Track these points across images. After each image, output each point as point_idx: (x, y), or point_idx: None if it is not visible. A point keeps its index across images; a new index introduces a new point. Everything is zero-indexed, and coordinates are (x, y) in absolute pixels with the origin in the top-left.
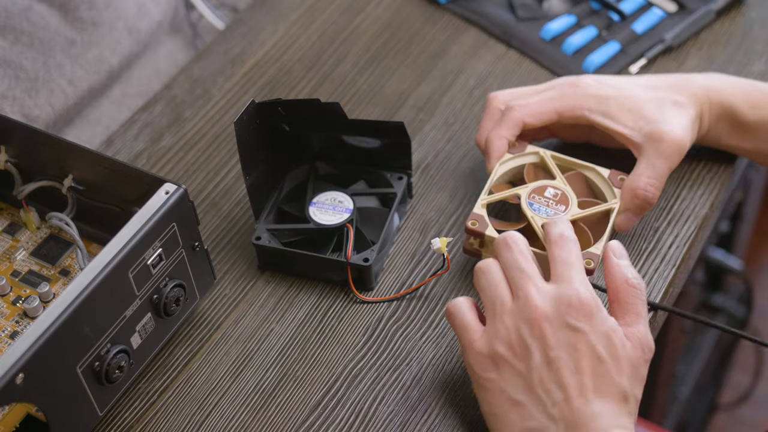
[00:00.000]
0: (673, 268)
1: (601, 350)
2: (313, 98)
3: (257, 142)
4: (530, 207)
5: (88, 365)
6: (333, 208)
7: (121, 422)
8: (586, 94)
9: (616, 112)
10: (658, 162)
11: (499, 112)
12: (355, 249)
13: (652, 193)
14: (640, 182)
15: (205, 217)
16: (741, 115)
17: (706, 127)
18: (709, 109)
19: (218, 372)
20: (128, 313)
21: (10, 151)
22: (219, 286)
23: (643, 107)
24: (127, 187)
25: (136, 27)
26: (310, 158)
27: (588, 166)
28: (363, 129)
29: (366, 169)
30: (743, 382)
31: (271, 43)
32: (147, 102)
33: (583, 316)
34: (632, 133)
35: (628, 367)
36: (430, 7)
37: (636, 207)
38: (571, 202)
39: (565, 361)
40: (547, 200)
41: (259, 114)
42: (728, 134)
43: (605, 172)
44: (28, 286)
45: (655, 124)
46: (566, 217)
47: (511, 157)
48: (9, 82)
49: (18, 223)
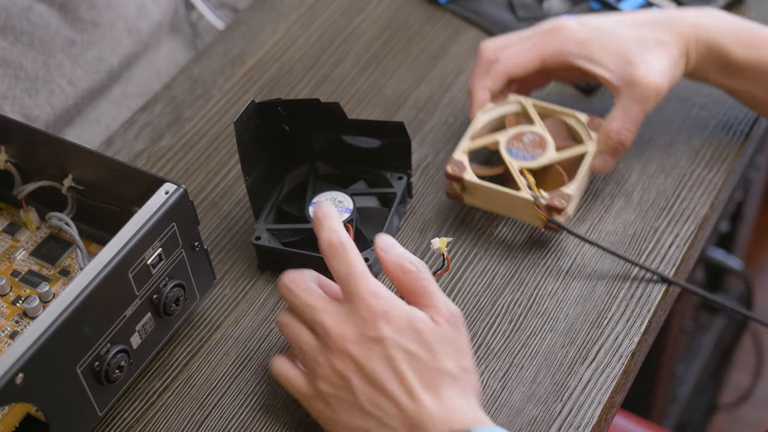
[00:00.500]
0: (673, 268)
1: (411, 347)
2: (313, 98)
3: (257, 141)
4: (508, 152)
5: (88, 365)
6: None
7: (121, 422)
8: (568, 38)
9: (597, 54)
10: (631, 106)
11: (489, 62)
12: None
13: (625, 136)
14: (613, 125)
15: (205, 217)
16: (729, 54)
17: (693, 64)
18: (696, 47)
19: (218, 372)
20: (128, 313)
21: (10, 151)
22: (219, 286)
23: (624, 48)
24: (127, 187)
25: (136, 27)
26: (310, 158)
27: (567, 112)
28: (363, 129)
29: (366, 169)
30: (743, 382)
31: (271, 43)
32: (147, 102)
33: (381, 323)
34: (612, 76)
35: (443, 347)
36: (430, 7)
37: (610, 149)
38: (548, 146)
39: (382, 373)
40: (525, 145)
41: (259, 114)
42: (716, 72)
43: (584, 117)
44: (27, 286)
45: (633, 67)
46: (542, 160)
47: (494, 107)
48: (9, 82)
49: (18, 223)
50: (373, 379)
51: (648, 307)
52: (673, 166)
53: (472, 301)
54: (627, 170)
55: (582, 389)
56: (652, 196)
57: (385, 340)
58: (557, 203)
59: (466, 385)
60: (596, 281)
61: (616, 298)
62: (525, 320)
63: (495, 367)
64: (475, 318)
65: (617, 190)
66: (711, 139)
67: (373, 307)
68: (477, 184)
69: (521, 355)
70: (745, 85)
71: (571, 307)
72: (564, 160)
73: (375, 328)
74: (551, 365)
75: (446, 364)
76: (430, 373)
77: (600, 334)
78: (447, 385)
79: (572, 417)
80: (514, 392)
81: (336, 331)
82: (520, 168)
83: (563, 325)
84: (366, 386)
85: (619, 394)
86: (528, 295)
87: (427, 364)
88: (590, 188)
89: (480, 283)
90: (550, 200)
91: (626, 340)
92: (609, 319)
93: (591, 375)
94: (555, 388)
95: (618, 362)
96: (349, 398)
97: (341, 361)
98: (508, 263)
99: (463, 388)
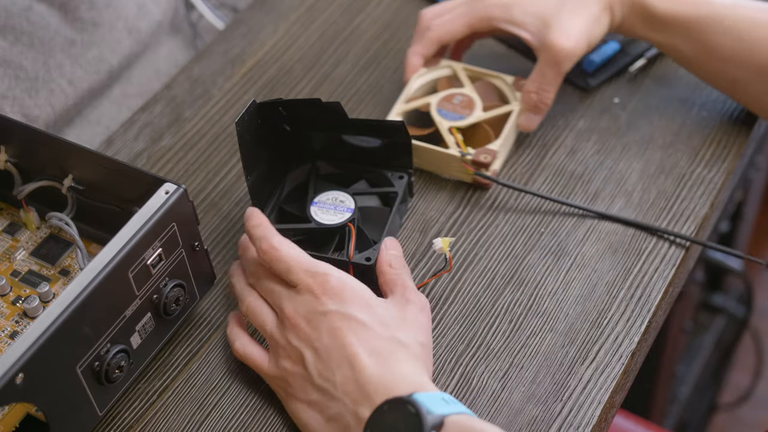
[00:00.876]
0: (673, 268)
1: (360, 317)
2: (314, 98)
3: (258, 141)
4: (439, 113)
5: (88, 365)
6: (334, 207)
7: (121, 422)
8: (492, 4)
9: (519, 17)
10: (547, 68)
11: (423, 30)
12: (357, 248)
13: (543, 95)
14: (531, 86)
15: (205, 217)
16: (652, 7)
17: (620, 18)
18: (620, 2)
19: (218, 372)
20: (128, 313)
21: (10, 151)
22: (219, 286)
23: (543, 10)
24: (127, 187)
25: (136, 27)
26: (311, 158)
27: (494, 74)
28: (363, 128)
29: (367, 168)
30: (743, 382)
31: (271, 43)
32: (147, 102)
33: (325, 298)
34: (532, 38)
35: (399, 321)
36: None
37: (531, 107)
38: (476, 106)
39: (329, 345)
40: (454, 106)
41: (260, 114)
42: (641, 26)
43: (510, 78)
44: (28, 286)
45: (548, 30)
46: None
47: (427, 71)
48: (9, 82)
49: (18, 223)
50: (322, 351)
51: (648, 307)
52: (673, 166)
53: (472, 301)
54: (627, 170)
55: (582, 389)
56: (652, 196)
57: (331, 313)
58: (482, 159)
59: (419, 356)
60: (596, 281)
61: (616, 298)
62: (525, 320)
63: (495, 367)
64: (475, 318)
65: (617, 190)
66: (711, 139)
67: (316, 286)
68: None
69: (521, 355)
70: (669, 38)
71: (571, 307)
72: (491, 119)
73: (321, 303)
74: (551, 365)
75: (398, 334)
76: (379, 340)
77: (600, 334)
78: (397, 354)
79: (572, 417)
80: (514, 392)
81: (290, 310)
82: (449, 127)
83: (563, 325)
84: (316, 360)
85: (619, 394)
86: (528, 295)
87: (377, 333)
88: (590, 189)
89: (480, 283)
90: (475, 156)
91: (626, 340)
92: (609, 319)
93: (591, 375)
94: (555, 388)
95: (618, 362)
96: (303, 373)
97: (296, 337)
98: (508, 263)
99: (415, 357)
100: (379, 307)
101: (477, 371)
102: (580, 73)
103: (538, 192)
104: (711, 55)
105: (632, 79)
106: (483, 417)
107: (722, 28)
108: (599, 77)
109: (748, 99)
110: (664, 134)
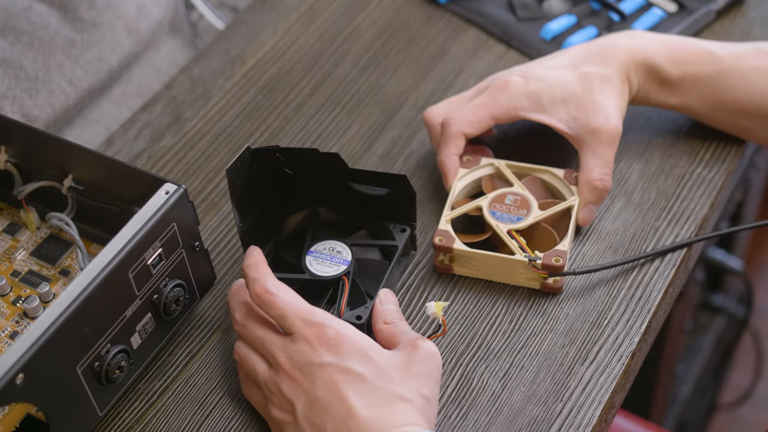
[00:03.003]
0: (673, 268)
1: (358, 369)
2: (311, 148)
3: (255, 186)
4: (493, 216)
5: (88, 365)
6: (330, 258)
7: (121, 422)
8: (516, 94)
9: (547, 105)
10: (602, 151)
11: (440, 126)
12: (349, 304)
13: (608, 181)
14: (594, 175)
15: (205, 217)
16: (664, 71)
17: (636, 88)
18: (635, 71)
19: (218, 372)
20: (128, 313)
21: (10, 151)
22: (219, 286)
23: (572, 94)
24: (127, 187)
25: (136, 27)
26: (313, 202)
27: (543, 169)
28: (364, 179)
29: (369, 218)
30: (743, 382)
31: (271, 43)
32: (147, 102)
33: (322, 350)
34: (566, 126)
35: (400, 372)
36: (430, 7)
37: (596, 198)
38: (531, 205)
39: (325, 397)
40: (508, 207)
41: (256, 159)
42: (656, 91)
43: (560, 172)
44: (28, 286)
45: (587, 114)
46: (528, 220)
47: (467, 172)
48: (9, 82)
49: (18, 223)
50: (317, 403)
51: (648, 307)
52: (673, 166)
53: (472, 301)
54: (627, 170)
55: (582, 389)
56: (652, 196)
57: (328, 365)
58: (554, 262)
59: (421, 409)
60: (596, 281)
61: (616, 298)
62: (525, 320)
63: (495, 367)
64: (475, 318)
65: (617, 190)
66: (711, 139)
67: (313, 336)
68: (468, 252)
69: (521, 355)
70: (682, 99)
71: (571, 307)
72: (549, 218)
73: (318, 355)
74: (551, 365)
75: (399, 387)
76: (377, 394)
77: (600, 334)
78: (396, 407)
79: (572, 417)
80: (515, 392)
81: (285, 360)
82: (508, 230)
83: (563, 325)
84: (310, 411)
85: (619, 394)
86: (528, 295)
87: (375, 386)
88: None
89: (480, 283)
90: (546, 259)
91: (626, 340)
92: (609, 319)
93: (591, 375)
94: (555, 388)
95: (618, 362)
96: (293, 423)
97: (288, 387)
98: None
99: (416, 410)
100: (380, 358)
101: (477, 371)
102: None
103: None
104: (723, 109)
105: None
106: (483, 417)
107: (732, 82)
108: None
109: (758, 140)
110: (663, 134)
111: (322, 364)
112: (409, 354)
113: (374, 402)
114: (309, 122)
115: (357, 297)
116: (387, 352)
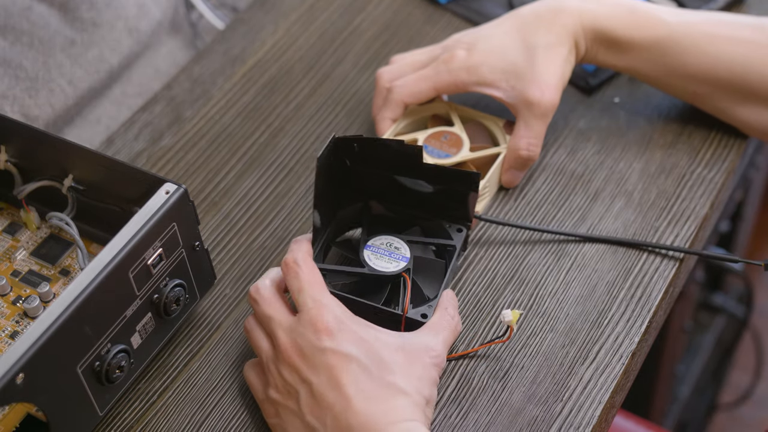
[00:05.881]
0: (673, 268)
1: (360, 358)
2: (396, 138)
3: (330, 177)
4: (425, 149)
5: (89, 365)
6: (389, 254)
7: (121, 422)
8: (458, 67)
9: (488, 77)
10: (533, 122)
11: (386, 90)
12: (411, 302)
13: (533, 151)
14: (521, 144)
15: (205, 217)
16: (614, 35)
17: (584, 51)
18: (583, 34)
19: (218, 372)
20: (128, 313)
21: (10, 151)
22: (219, 286)
23: (513, 64)
24: (127, 187)
25: (136, 27)
26: (362, 196)
27: (486, 116)
28: (434, 174)
29: (423, 215)
30: (743, 382)
31: (271, 43)
32: (147, 102)
33: (324, 335)
34: (505, 95)
35: (402, 367)
36: (430, 7)
37: (519, 165)
38: (464, 145)
39: (324, 383)
40: (441, 144)
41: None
42: (604, 54)
43: (501, 121)
44: (28, 286)
45: (525, 85)
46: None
47: (419, 108)
48: (9, 82)
49: (18, 223)
50: (316, 389)
51: (648, 307)
52: (673, 166)
53: (472, 301)
54: (627, 170)
55: (582, 389)
56: (652, 196)
57: (328, 351)
58: None
59: (419, 405)
60: (596, 281)
61: (616, 298)
62: (525, 320)
63: (495, 367)
64: (475, 318)
65: (617, 190)
66: (711, 139)
67: (318, 319)
68: None
69: (521, 355)
70: (630, 62)
71: (571, 307)
72: (478, 160)
73: (319, 339)
74: (551, 365)
75: (398, 380)
76: (375, 382)
77: (600, 334)
78: (396, 400)
79: (572, 417)
80: (515, 392)
81: (285, 343)
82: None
83: (563, 325)
84: (309, 397)
85: (619, 394)
86: (528, 295)
87: (374, 375)
88: (590, 188)
89: (480, 283)
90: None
91: (626, 340)
92: (609, 319)
93: (591, 375)
94: (555, 388)
95: (618, 362)
96: (295, 408)
97: (289, 372)
98: (508, 263)
99: (415, 405)
100: (381, 349)
101: (477, 371)
102: (580, 73)
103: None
104: (671, 73)
105: (632, 78)
106: (483, 417)
107: (680, 48)
108: (599, 77)
109: (709, 109)
110: (664, 134)
111: (323, 349)
112: (418, 357)
113: (373, 394)
114: (309, 122)
115: (415, 295)
116: (391, 344)
